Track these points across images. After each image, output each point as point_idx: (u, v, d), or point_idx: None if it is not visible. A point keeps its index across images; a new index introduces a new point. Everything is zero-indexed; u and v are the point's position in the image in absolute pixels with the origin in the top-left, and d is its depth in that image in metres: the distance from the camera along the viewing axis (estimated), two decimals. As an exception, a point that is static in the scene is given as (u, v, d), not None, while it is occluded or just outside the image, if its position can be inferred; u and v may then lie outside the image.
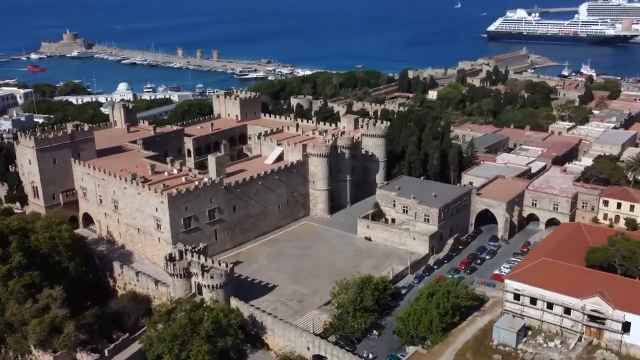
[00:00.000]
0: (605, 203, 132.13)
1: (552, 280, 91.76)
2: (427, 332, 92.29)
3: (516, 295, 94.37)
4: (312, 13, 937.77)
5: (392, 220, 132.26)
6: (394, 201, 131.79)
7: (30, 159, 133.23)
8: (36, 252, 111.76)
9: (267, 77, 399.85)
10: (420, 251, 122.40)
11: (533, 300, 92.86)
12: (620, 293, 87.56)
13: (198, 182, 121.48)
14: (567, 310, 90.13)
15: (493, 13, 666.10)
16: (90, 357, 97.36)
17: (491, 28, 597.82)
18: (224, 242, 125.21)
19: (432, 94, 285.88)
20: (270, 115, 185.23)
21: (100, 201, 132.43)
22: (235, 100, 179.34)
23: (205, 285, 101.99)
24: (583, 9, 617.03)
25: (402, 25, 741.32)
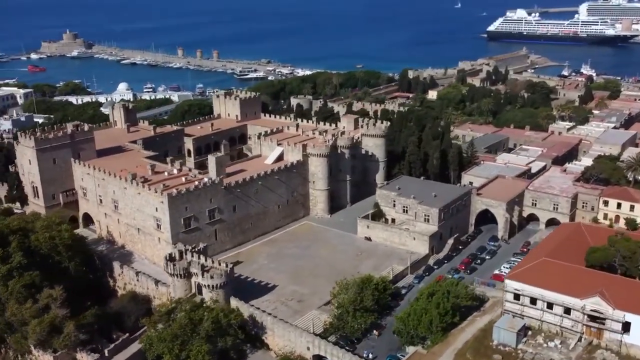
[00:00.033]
0: (605, 203, 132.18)
1: (552, 280, 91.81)
2: (427, 332, 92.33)
3: (516, 295, 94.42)
4: (312, 13, 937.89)
5: (392, 220, 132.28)
6: (394, 201, 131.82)
7: (30, 159, 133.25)
8: (36, 252, 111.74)
9: (267, 77, 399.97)
10: (420, 251, 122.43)
11: (533, 300, 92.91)
12: (620, 293, 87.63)
13: (198, 182, 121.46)
14: (567, 310, 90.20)
15: (493, 13, 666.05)
16: (90, 357, 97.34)
17: (491, 28, 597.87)
18: (224, 242, 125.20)
19: (432, 94, 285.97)
20: (270, 115, 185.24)
21: (100, 201, 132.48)
22: (235, 100, 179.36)
23: (205, 285, 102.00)
24: (583, 9, 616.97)
25: (402, 25, 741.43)
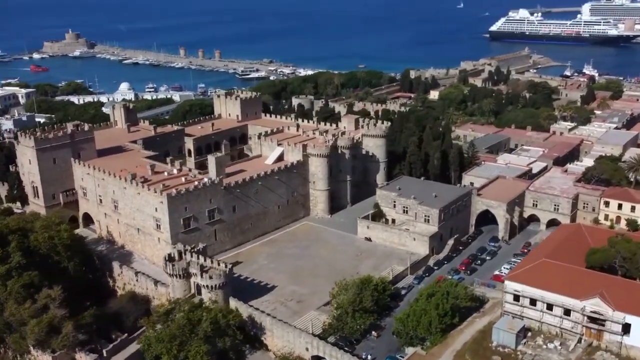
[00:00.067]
0: (606, 204, 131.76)
1: (552, 282, 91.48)
2: (427, 333, 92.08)
3: (516, 297, 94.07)
4: (313, 13, 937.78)
5: (392, 220, 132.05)
6: (394, 201, 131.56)
7: (31, 159, 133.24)
8: (35, 252, 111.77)
9: (269, 77, 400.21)
10: (420, 252, 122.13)
11: (533, 301, 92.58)
12: (621, 294, 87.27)
13: (198, 182, 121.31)
14: (567, 311, 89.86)
15: (495, 13, 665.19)
16: (89, 357, 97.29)
17: (493, 28, 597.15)
18: (224, 243, 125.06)
19: (434, 94, 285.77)
20: (271, 115, 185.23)
21: (100, 201, 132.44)
22: (236, 100, 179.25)
23: (205, 285, 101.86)
24: (586, 9, 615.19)
25: (404, 25, 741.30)
